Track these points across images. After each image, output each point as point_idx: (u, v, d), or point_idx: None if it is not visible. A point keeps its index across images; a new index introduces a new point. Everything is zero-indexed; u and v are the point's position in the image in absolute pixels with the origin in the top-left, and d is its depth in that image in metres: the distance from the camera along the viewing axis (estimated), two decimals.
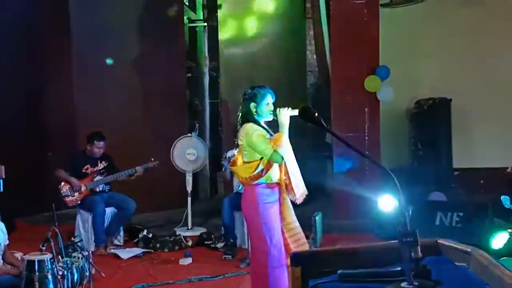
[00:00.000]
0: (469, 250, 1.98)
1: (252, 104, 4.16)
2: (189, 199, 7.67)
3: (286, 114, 4.01)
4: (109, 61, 8.50)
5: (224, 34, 9.25)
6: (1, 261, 5.19)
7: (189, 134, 7.92)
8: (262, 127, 4.16)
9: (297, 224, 4.23)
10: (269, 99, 4.18)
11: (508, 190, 4.97)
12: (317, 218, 6.35)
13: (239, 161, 4.24)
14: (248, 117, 4.17)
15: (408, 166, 8.42)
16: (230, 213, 6.68)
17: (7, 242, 5.27)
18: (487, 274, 1.79)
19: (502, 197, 4.72)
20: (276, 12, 9.09)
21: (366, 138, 7.70)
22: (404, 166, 8.37)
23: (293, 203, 4.24)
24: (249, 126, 4.11)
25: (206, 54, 10.49)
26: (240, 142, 4.18)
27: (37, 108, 8.71)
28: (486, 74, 8.54)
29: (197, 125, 10.70)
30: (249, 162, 4.13)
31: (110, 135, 7.12)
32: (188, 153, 7.60)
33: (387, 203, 3.69)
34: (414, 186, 7.51)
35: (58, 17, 8.54)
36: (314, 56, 10.64)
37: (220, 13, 9.30)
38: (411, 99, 8.49)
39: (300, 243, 4.12)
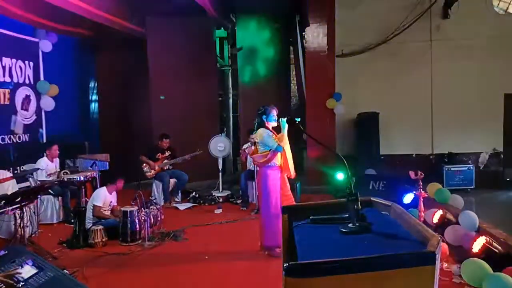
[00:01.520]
0: (389, 204, 1.97)
1: (264, 117, 4.15)
2: (220, 174, 7.67)
3: (285, 122, 3.99)
4: (162, 97, 8.47)
5: (242, 73, 9.20)
6: (109, 212, 5.25)
7: (220, 135, 7.90)
8: (271, 131, 4.16)
9: (290, 192, 4.22)
10: (275, 112, 4.18)
11: (413, 168, 4.94)
12: (297, 185, 6.35)
13: (256, 152, 4.24)
14: (261, 125, 4.15)
15: (353, 153, 8.37)
16: (245, 182, 6.69)
17: (116, 203, 5.35)
18: (401, 219, 1.79)
19: (409, 172, 4.71)
20: (273, 59, 9.04)
21: (327, 135, 7.68)
22: (350, 153, 8.32)
23: (289, 178, 4.24)
24: (262, 130, 4.12)
25: (230, 85, 10.45)
26: (256, 140, 4.21)
27: (129, 119, 8.73)
28: (399, 95, 8.53)
29: (225, 129, 10.70)
30: (262, 153, 4.12)
31: (173, 135, 7.13)
32: (219, 146, 7.58)
33: (340, 176, 3.70)
34: (357, 166, 7.49)
35: (142, 63, 8.51)
36: (296, 87, 10.61)
37: (238, 60, 9.25)
38: (354, 112, 8.44)
39: (290, 202, 4.10)
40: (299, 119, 3.41)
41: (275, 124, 4.18)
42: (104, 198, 5.14)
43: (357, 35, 8.53)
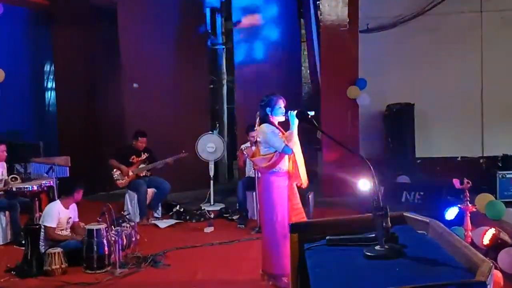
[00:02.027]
0: (427, 221, 1.97)
1: (268, 109, 4.15)
2: (211, 182, 7.69)
3: (294, 116, 3.97)
4: (135, 85, 8.51)
5: (239, 54, 9.22)
6: (69, 231, 5.25)
7: (210, 132, 7.93)
8: (276, 126, 4.14)
9: (300, 205, 4.23)
10: (281, 103, 4.17)
11: (458, 174, 4.93)
12: (310, 196, 6.36)
13: (257, 154, 4.22)
14: (265, 119, 4.15)
15: (381, 156, 8.37)
16: (243, 192, 6.69)
17: (77, 219, 5.34)
18: (442, 240, 1.79)
19: (453, 180, 4.70)
20: (278, 35, 9.06)
21: (348, 134, 7.69)
22: (377, 156, 8.33)
23: (299, 187, 4.25)
24: (265, 126, 4.10)
25: (224, 70, 10.47)
26: (258, 139, 4.20)
27: (96, 113, 8.77)
28: (440, 83, 8.51)
29: (217, 125, 10.72)
30: (265, 155, 4.11)
31: (151, 133, 7.14)
32: (208, 146, 7.61)
33: (364, 184, 3.69)
34: (386, 171, 7.50)
35: (112, 45, 8.54)
36: (308, 71, 10.62)
37: (235, 37, 9.27)
38: (383, 104, 8.44)
39: (300, 218, 4.11)
40: (312, 113, 3.42)
41: (282, 118, 4.17)
42: (57, 215, 5.09)
43: (387, 4, 8.53)
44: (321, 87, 8.20)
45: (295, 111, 3.94)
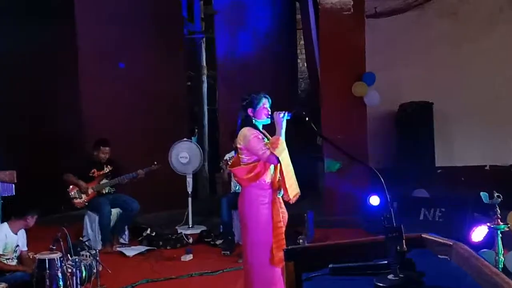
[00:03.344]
0: (450, 243, 1.97)
1: (250, 110, 4.14)
2: (190, 199, 7.65)
3: (281, 118, 3.97)
4: (121, 65, 8.49)
5: (222, 45, 9.24)
6: (15, 261, 5.18)
7: (185, 139, 7.90)
8: (259, 131, 4.13)
9: (282, 224, 4.19)
10: (265, 103, 4.17)
11: (487, 186, 4.94)
12: (309, 215, 6.36)
13: (238, 163, 4.21)
14: (247, 122, 4.14)
15: (394, 165, 8.41)
16: (228, 212, 6.66)
17: (26, 248, 5.28)
18: (468, 266, 1.79)
19: (481, 193, 4.71)
20: (269, 22, 9.10)
21: (354, 140, 7.69)
22: (389, 166, 8.36)
23: (286, 203, 4.22)
24: (247, 129, 4.08)
25: (205, 64, 10.48)
26: (238, 146, 4.15)
27: (48, 117, 8.68)
28: (463, 78, 8.55)
29: (196, 130, 10.71)
30: (247, 164, 4.08)
31: (115, 141, 7.09)
32: (181, 156, 7.58)
33: (374, 200, 3.71)
34: (399, 184, 7.51)
35: (66, 33, 8.50)
36: (305, 64, 10.66)
37: (217, 25, 9.30)
38: (395, 103, 8.48)
39: (280, 244, 4.02)
40: (302, 113, 3.41)
41: (267, 121, 4.19)
42: (4, 240, 5.04)
43: None
44: (321, 83, 8.22)
45: (286, 113, 3.96)
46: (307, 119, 3.11)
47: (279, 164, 4.03)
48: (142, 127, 8.51)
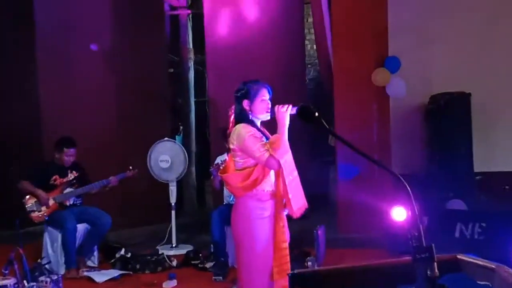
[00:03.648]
0: (493, 266, 1.97)
1: (245, 102, 4.12)
2: (173, 212, 7.65)
3: (284, 113, 3.95)
4: (93, 47, 8.49)
5: (212, 23, 9.23)
6: None
7: (166, 138, 7.88)
8: (257, 128, 4.11)
9: (286, 245, 4.16)
10: (264, 94, 4.14)
11: None
12: (319, 232, 6.36)
13: (231, 168, 4.18)
14: (242, 118, 4.12)
15: (423, 171, 8.41)
16: (221, 228, 6.65)
17: None
18: None
19: None
20: None
21: (375, 139, 7.71)
22: (418, 171, 8.36)
23: (290, 218, 4.20)
24: (242, 127, 4.05)
25: (191, 46, 10.48)
26: (231, 146, 4.12)
27: (1, 112, 8.68)
28: (509, 63, 8.54)
29: (181, 127, 10.70)
30: (242, 170, 4.06)
31: (81, 141, 7.09)
32: (161, 159, 7.56)
33: (399, 213, 3.69)
34: (430, 194, 7.52)
35: (20, 6, 8.49)
36: (314, 47, 10.66)
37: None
38: (425, 94, 8.47)
39: (283, 268, 4.02)
40: (310, 106, 3.38)
41: (266, 116, 4.16)
42: None
43: None
44: (333, 70, 8.23)
45: (288, 106, 3.92)
46: (316, 114, 3.08)
47: (280, 170, 4.00)
48: (115, 125, 8.53)
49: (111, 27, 8.79)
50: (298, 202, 4.09)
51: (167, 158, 7.55)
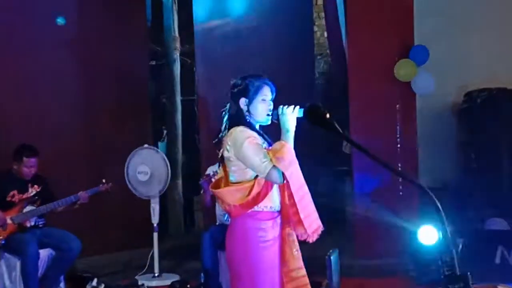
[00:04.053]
0: None
1: (243, 101, 4.09)
2: (155, 234, 7.65)
3: (289, 116, 3.95)
4: (60, 20, 8.43)
5: (201, 6, 9.25)
6: None
7: (146, 145, 7.85)
8: (258, 132, 4.10)
9: (304, 272, 4.17)
10: (266, 93, 4.13)
11: None
12: (332, 258, 6.34)
13: (225, 181, 4.20)
14: (238, 119, 4.11)
15: (457, 183, 8.42)
16: (213, 253, 6.65)
17: None
18: None
19: None
20: None
21: (398, 146, 7.72)
22: (450, 183, 8.37)
23: (302, 241, 4.16)
24: (239, 131, 4.03)
25: (177, 34, 10.49)
26: (226, 154, 4.11)
27: None
28: None
29: (164, 132, 10.71)
30: (238, 183, 4.05)
31: (44, 149, 7.09)
32: (140, 171, 7.53)
33: (428, 235, 3.70)
34: (465, 211, 7.53)
35: None
36: (325, 34, 10.68)
37: None
38: (459, 90, 8.50)
39: None
40: (320, 107, 3.38)
41: (267, 119, 4.16)
42: None
43: None
44: (348, 62, 8.26)
45: (294, 107, 3.91)
46: (327, 115, 3.10)
47: (286, 184, 3.98)
48: (85, 128, 8.52)
49: (78, 10, 8.77)
50: (312, 223, 4.07)
51: (146, 169, 7.52)
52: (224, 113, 4.21)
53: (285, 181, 3.94)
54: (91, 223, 7.42)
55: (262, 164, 3.89)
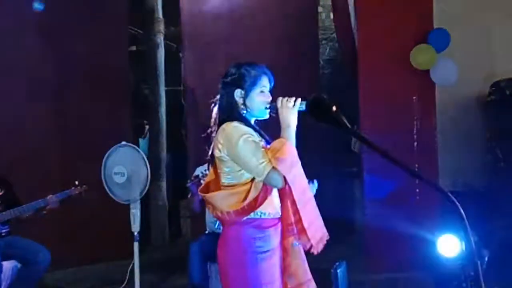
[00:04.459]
0: None
1: (238, 92, 4.09)
2: (136, 244, 7.64)
3: (291, 110, 3.95)
4: (38, 5, 8.41)
5: None
6: None
7: (123, 142, 7.81)
8: (254, 128, 4.11)
9: (313, 284, 4.18)
10: (264, 83, 4.13)
11: None
12: (339, 271, 6.37)
13: (216, 183, 4.20)
14: (231, 113, 4.11)
15: (483, 186, 8.44)
16: (202, 266, 6.67)
17: None
18: None
19: None
20: None
21: (415, 143, 7.73)
22: (475, 186, 8.39)
23: (305, 252, 4.14)
24: (232, 127, 4.01)
25: (160, 15, 10.49)
26: (217, 153, 4.11)
27: None
28: None
29: (146, 127, 10.72)
30: (232, 186, 4.05)
31: (6, 147, 7.11)
32: (116, 172, 7.51)
33: (449, 245, 3.71)
34: (493, 218, 7.54)
35: None
36: (331, 16, 10.69)
37: None
38: (485, 79, 8.51)
39: None
40: (326, 99, 3.38)
41: (264, 113, 4.15)
42: None
43: None
44: (358, 48, 8.26)
45: (296, 100, 3.90)
46: (334, 109, 3.11)
47: (287, 189, 3.94)
48: (55, 123, 8.52)
49: None
50: (317, 232, 4.06)
51: (122, 170, 7.50)
52: (213, 105, 4.21)
53: (286, 185, 3.90)
54: (62, 232, 7.42)
55: (259, 165, 3.87)
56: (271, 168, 3.83)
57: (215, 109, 4.17)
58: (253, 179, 3.95)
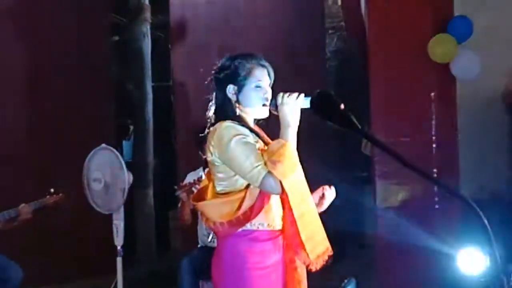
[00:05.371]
0: None
1: (230, 88, 4.10)
2: (119, 260, 7.64)
3: (293, 106, 3.91)
4: None
5: None
6: None
7: (103, 145, 7.80)
8: (251, 130, 4.09)
9: None
10: (261, 77, 4.14)
11: None
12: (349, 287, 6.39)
13: (209, 191, 4.19)
14: (224, 112, 4.13)
15: (509, 194, 8.45)
16: (193, 283, 6.69)
17: None
18: None
19: None
20: None
21: (434, 145, 7.73)
22: (501, 195, 8.40)
23: (309, 269, 4.14)
24: (224, 127, 4.01)
25: (147, 2, 10.50)
26: (209, 157, 4.11)
27: None
28: None
29: (131, 127, 10.72)
30: (226, 194, 4.06)
31: None
32: (94, 178, 7.50)
33: (472, 260, 3.70)
34: None
35: None
36: (339, 2, 10.71)
37: None
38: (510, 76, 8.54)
39: None
40: (332, 96, 3.39)
41: (264, 111, 4.14)
42: None
43: None
44: (369, 37, 8.27)
45: (298, 96, 3.88)
46: (342, 107, 3.11)
47: (284, 196, 3.93)
48: (28, 123, 8.54)
49: None
50: (316, 246, 4.06)
51: (99, 176, 7.49)
52: (210, 105, 4.19)
53: (284, 191, 3.88)
54: (37, 246, 7.41)
55: (254, 169, 3.85)
56: (266, 172, 3.81)
57: (212, 109, 4.17)
58: (248, 186, 3.95)
